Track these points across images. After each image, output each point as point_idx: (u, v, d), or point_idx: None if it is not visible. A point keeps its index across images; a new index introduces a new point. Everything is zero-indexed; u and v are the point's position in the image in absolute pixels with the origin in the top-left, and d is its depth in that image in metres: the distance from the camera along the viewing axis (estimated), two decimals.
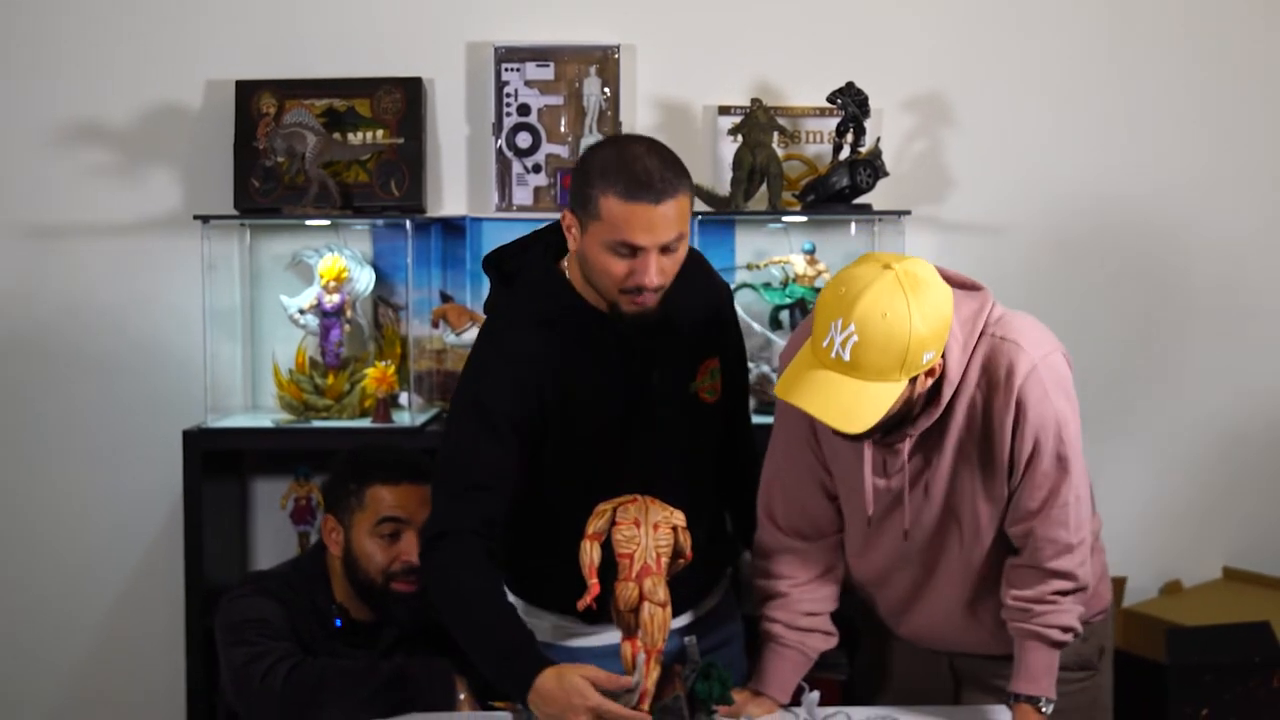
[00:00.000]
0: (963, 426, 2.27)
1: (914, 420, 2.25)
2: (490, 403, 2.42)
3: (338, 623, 2.67)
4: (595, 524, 2.28)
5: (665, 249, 2.30)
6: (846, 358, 2.08)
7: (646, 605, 2.25)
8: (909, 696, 2.54)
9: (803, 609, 2.48)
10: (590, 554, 2.27)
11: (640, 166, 2.26)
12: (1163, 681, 3.25)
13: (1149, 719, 3.27)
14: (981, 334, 2.25)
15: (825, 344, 2.10)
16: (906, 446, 2.29)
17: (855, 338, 2.07)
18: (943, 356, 2.18)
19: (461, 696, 2.55)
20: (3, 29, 3.58)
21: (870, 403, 2.11)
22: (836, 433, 2.19)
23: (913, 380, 2.14)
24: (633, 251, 2.29)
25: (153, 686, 3.64)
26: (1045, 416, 2.24)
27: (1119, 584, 3.60)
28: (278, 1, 3.59)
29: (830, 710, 2.45)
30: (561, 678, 2.23)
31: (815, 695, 2.44)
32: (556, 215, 3.57)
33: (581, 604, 2.30)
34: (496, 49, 3.57)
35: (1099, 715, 2.57)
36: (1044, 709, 2.30)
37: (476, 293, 3.56)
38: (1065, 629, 2.31)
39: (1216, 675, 3.28)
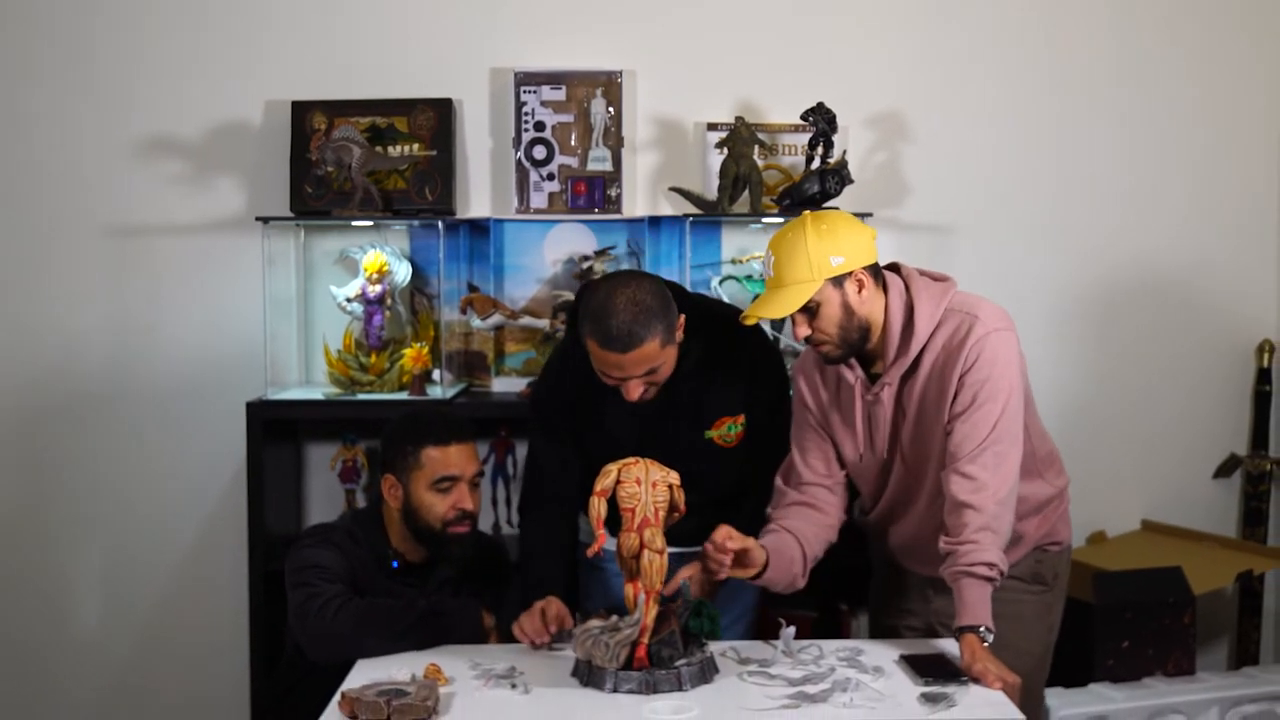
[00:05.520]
0: (925, 378, 2.48)
1: (888, 369, 2.49)
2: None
3: (394, 564, 2.68)
4: (602, 482, 2.29)
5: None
6: (772, 274, 2.44)
7: (646, 553, 2.26)
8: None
9: (800, 534, 2.56)
10: (598, 508, 2.28)
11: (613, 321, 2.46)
12: (1090, 618, 3.26)
13: (1078, 650, 3.28)
14: (949, 310, 2.48)
15: (763, 276, 2.47)
16: (886, 392, 2.51)
17: (773, 258, 2.44)
18: (913, 312, 2.45)
19: (490, 625, 2.56)
20: (92, 57, 3.57)
21: (790, 297, 2.40)
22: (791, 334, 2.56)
23: (840, 286, 2.40)
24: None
25: (220, 623, 3.64)
26: (982, 374, 2.41)
27: None
28: (328, 32, 3.59)
29: (804, 643, 2.47)
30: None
31: (791, 630, 2.47)
32: (568, 217, 3.62)
33: (590, 552, 2.31)
34: (516, 74, 3.57)
35: (1055, 622, 2.72)
36: (984, 635, 2.31)
37: (500, 284, 3.58)
38: (989, 564, 2.34)
39: (1136, 613, 3.29)
